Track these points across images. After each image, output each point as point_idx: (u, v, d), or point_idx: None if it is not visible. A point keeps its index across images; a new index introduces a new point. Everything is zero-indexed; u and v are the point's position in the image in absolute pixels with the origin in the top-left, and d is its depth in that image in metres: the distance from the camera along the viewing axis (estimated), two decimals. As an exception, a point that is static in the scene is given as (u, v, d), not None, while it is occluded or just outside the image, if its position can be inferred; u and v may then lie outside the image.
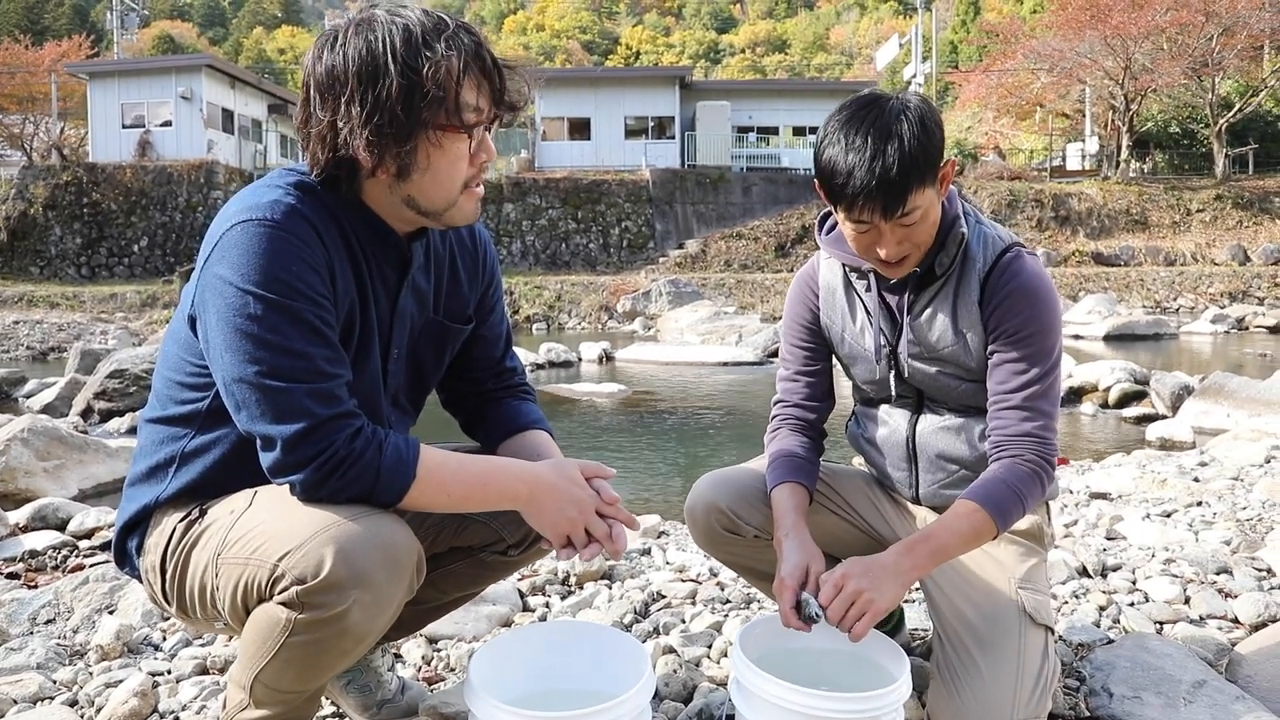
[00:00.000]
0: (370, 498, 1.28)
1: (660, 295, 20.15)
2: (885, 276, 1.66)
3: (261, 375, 1.23)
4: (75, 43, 35.04)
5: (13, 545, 3.26)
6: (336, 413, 1.25)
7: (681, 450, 6.00)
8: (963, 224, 1.62)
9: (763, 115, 31.86)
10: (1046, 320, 1.59)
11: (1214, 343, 14.72)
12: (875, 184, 1.44)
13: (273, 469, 1.26)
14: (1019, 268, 1.61)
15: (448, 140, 1.30)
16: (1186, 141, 32.57)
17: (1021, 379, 1.59)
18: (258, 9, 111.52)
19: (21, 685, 1.92)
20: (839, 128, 1.50)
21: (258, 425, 1.24)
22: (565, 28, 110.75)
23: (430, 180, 1.33)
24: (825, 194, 1.55)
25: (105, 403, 7.08)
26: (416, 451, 1.32)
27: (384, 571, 1.24)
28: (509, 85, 1.34)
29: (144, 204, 25.96)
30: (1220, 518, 3.28)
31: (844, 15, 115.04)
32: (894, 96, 1.52)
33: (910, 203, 1.47)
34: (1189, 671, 1.82)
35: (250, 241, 1.24)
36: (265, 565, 1.24)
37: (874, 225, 1.51)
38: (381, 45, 1.25)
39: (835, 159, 1.49)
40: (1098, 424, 6.80)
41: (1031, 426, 1.58)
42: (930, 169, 1.48)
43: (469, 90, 1.29)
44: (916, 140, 1.45)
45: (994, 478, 1.55)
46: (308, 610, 1.22)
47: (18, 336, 17.87)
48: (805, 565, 1.53)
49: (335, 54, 1.27)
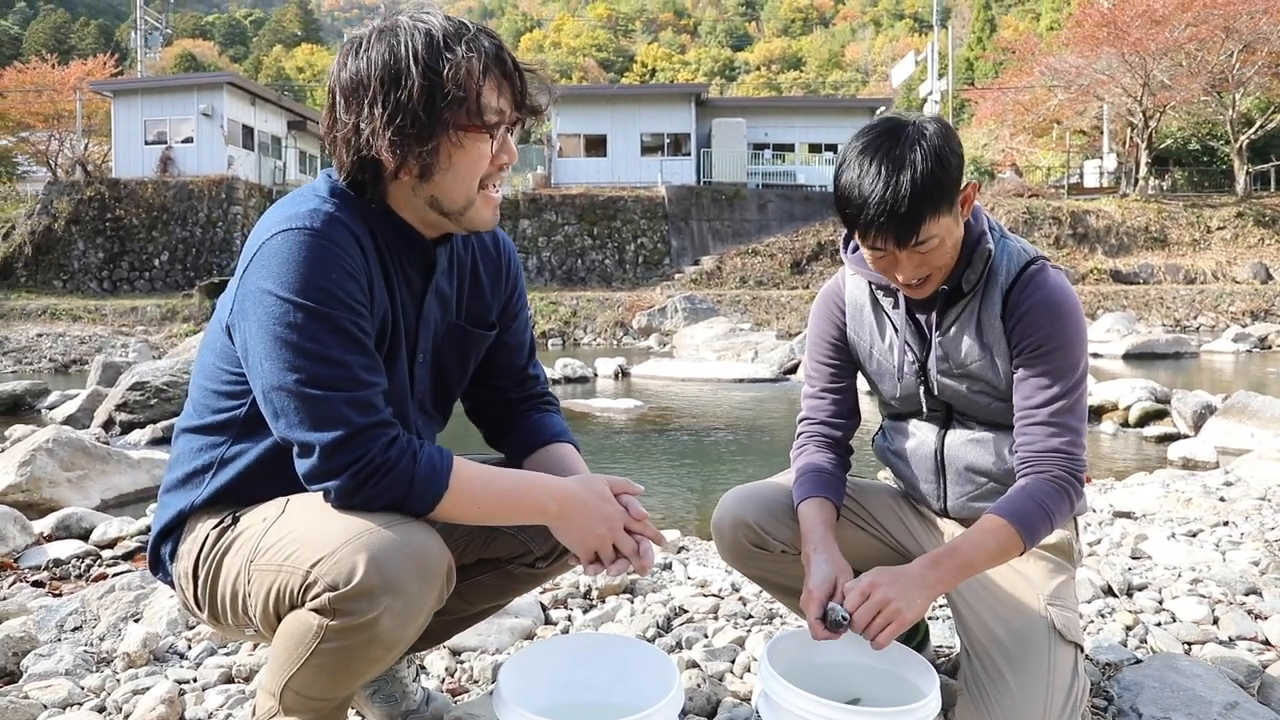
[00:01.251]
0: (403, 506, 1.28)
1: (676, 311, 20.17)
2: (913, 298, 1.66)
3: (300, 383, 1.24)
4: (100, 61, 35.58)
5: (37, 554, 3.29)
6: (373, 421, 1.26)
7: (698, 466, 5.99)
8: (988, 239, 1.62)
9: (778, 132, 31.91)
10: (1070, 335, 1.58)
11: (1236, 362, 14.58)
12: (886, 215, 1.45)
13: (309, 476, 1.27)
14: (1041, 281, 1.60)
15: (469, 140, 1.32)
16: (1206, 158, 32.43)
17: (1047, 394, 1.58)
18: (278, 28, 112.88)
19: (51, 691, 1.93)
20: (855, 155, 1.50)
21: (296, 433, 1.26)
22: (581, 45, 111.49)
23: (453, 180, 1.34)
24: (842, 220, 1.56)
25: (126, 414, 7.14)
26: (450, 463, 1.33)
27: (415, 580, 1.25)
28: (530, 88, 1.37)
29: (165, 219, 26.24)
30: (1248, 538, 3.24)
31: (859, 32, 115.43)
32: (911, 123, 1.51)
33: (924, 232, 1.48)
34: (1220, 693, 1.80)
35: (290, 250, 1.26)
36: (298, 572, 1.25)
37: (889, 252, 1.52)
38: (404, 49, 1.27)
39: (849, 187, 1.50)
40: (1118, 443, 6.75)
41: (1059, 442, 1.56)
42: (945, 197, 1.48)
43: (490, 91, 1.31)
44: (930, 171, 1.45)
45: (1021, 494, 1.54)
46: (339, 617, 1.23)
47: (41, 349, 18.08)
48: (834, 578, 1.52)
49: (359, 59, 1.30)
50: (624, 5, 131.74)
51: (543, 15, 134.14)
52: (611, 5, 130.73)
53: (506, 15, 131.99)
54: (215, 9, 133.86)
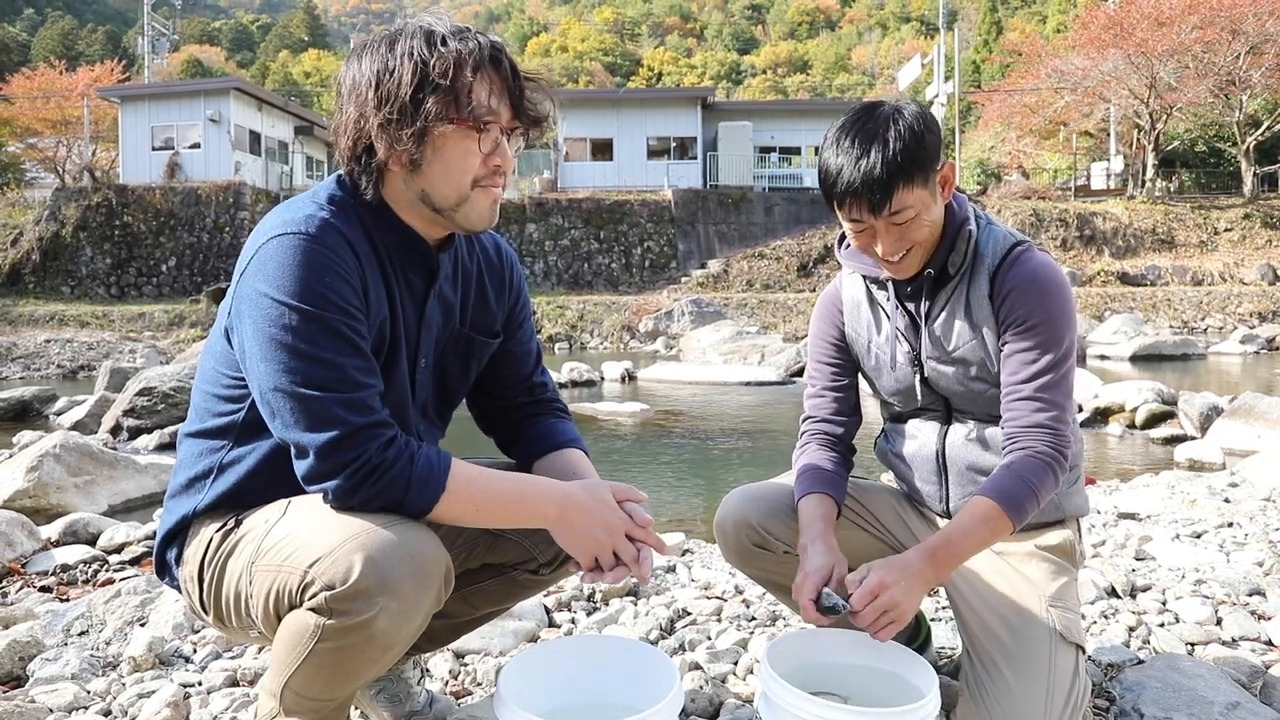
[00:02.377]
0: (401, 507, 1.29)
1: (682, 315, 20.17)
2: (902, 283, 1.68)
3: (296, 384, 1.26)
4: (108, 68, 35.81)
5: (45, 559, 3.31)
6: (369, 421, 1.28)
7: (704, 469, 5.99)
8: (972, 224, 1.66)
9: (785, 135, 31.93)
10: (1056, 309, 1.60)
11: (1243, 363, 14.53)
12: (860, 181, 1.51)
13: (306, 477, 1.29)
14: (1027, 259, 1.63)
15: (455, 133, 1.34)
16: (1213, 160, 32.34)
17: (1032, 368, 1.59)
18: (284, 33, 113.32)
19: (58, 695, 1.95)
20: (834, 133, 1.58)
21: (292, 433, 1.27)
22: (588, 49, 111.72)
23: (440, 172, 1.36)
24: (824, 196, 1.61)
25: (134, 420, 7.17)
26: (447, 464, 1.34)
27: (412, 580, 1.26)
28: (530, 96, 1.38)
29: (172, 225, 26.36)
30: (1252, 539, 3.23)
31: (866, 35, 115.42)
32: (888, 103, 1.58)
33: (898, 201, 1.52)
34: (1222, 693, 1.80)
35: (286, 255, 1.28)
36: (296, 572, 1.26)
37: (867, 224, 1.56)
38: (403, 44, 1.32)
39: (828, 161, 1.57)
40: (1125, 444, 6.73)
41: (1044, 417, 1.57)
42: (919, 169, 1.52)
43: (480, 88, 1.33)
44: (902, 142, 1.51)
45: (1008, 473, 1.55)
46: (336, 616, 1.24)
47: (49, 355, 18.17)
48: (830, 566, 1.54)
49: (365, 57, 1.35)
50: (630, 9, 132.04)
51: (549, 20, 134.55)
52: (618, 9, 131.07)
53: (513, 20, 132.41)
54: (222, 15, 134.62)
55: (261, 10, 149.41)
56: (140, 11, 45.14)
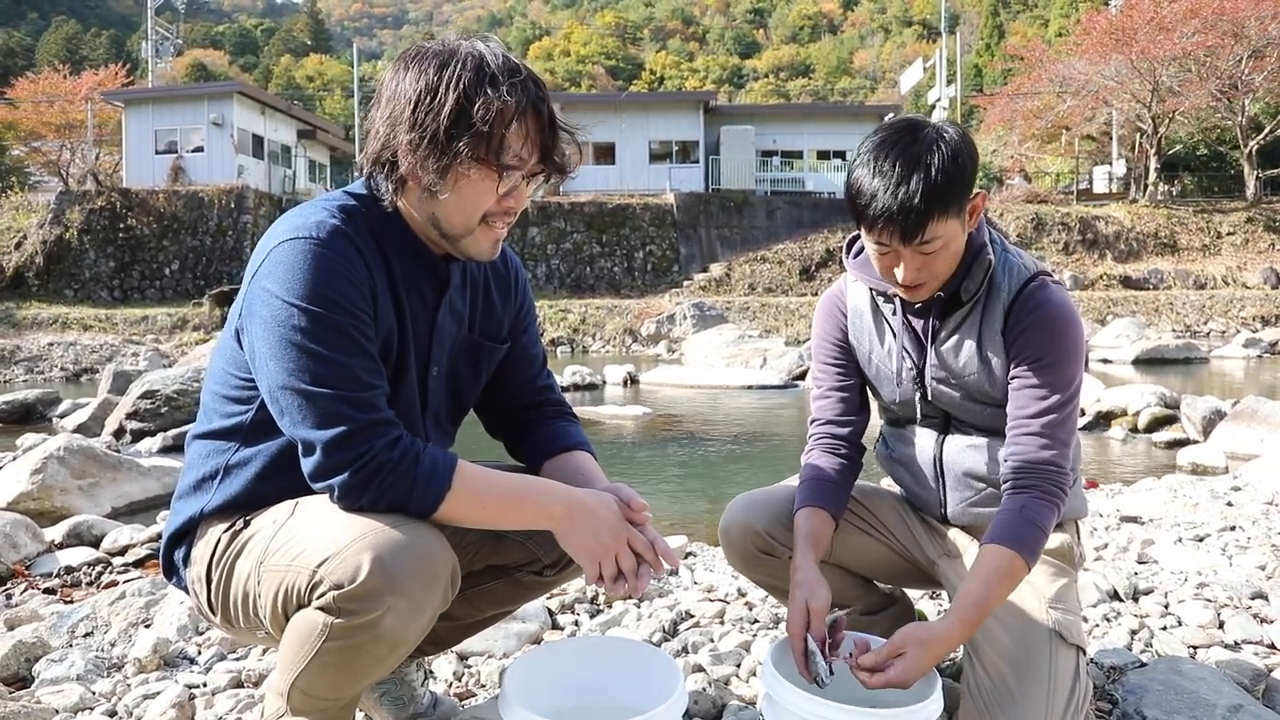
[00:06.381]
0: (406, 505, 1.31)
1: (684, 318, 20.18)
2: (908, 301, 1.68)
3: (304, 382, 1.28)
4: (112, 71, 35.79)
5: (49, 561, 3.32)
6: (374, 419, 1.29)
7: (706, 472, 6.00)
8: (989, 251, 1.64)
9: (787, 139, 31.93)
10: (1069, 349, 1.60)
11: (1246, 367, 14.52)
12: (896, 209, 1.47)
13: (313, 473, 1.30)
14: (1044, 297, 1.61)
15: (478, 173, 1.33)
16: (1216, 164, 32.34)
17: (1041, 405, 1.59)
18: (288, 37, 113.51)
19: (63, 696, 1.96)
20: (871, 149, 1.53)
21: (300, 430, 1.29)
22: (590, 53, 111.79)
23: (455, 204, 1.36)
24: (851, 212, 1.58)
25: (137, 423, 7.18)
26: (452, 463, 1.35)
27: (419, 580, 1.27)
28: (561, 146, 1.38)
29: (176, 228, 26.41)
30: (1255, 543, 3.23)
31: (868, 39, 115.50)
32: (931, 125, 1.53)
33: (930, 231, 1.49)
34: (1224, 696, 1.80)
35: (296, 258, 1.30)
36: (304, 571, 1.27)
37: (894, 249, 1.54)
38: (451, 70, 1.30)
39: (862, 180, 1.52)
40: (1127, 448, 6.73)
41: (1049, 455, 1.58)
42: (955, 201, 1.49)
43: (515, 136, 1.33)
44: (944, 172, 1.46)
45: (1019, 518, 1.53)
46: (344, 615, 1.25)
47: (52, 358, 18.21)
48: (805, 606, 1.55)
49: (412, 70, 1.33)
50: (632, 13, 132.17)
51: (551, 23, 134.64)
52: (620, 13, 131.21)
53: (515, 23, 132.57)
54: (226, 19, 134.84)
55: (265, 14, 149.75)
56: (144, 16, 45.28)
